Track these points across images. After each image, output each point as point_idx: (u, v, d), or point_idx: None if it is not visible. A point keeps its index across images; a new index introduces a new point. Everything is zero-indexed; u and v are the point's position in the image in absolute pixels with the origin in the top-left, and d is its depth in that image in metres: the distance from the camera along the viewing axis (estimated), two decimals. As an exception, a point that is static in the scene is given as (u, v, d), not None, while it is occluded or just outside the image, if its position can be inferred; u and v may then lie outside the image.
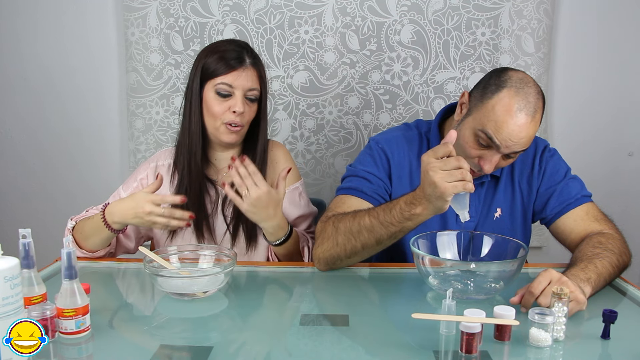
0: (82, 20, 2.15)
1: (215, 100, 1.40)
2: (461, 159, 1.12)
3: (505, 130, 1.25)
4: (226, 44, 1.42)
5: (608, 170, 2.24)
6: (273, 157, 1.54)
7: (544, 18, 2.07)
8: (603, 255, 1.24)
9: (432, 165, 1.12)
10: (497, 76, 1.31)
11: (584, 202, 1.41)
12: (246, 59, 1.39)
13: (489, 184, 1.45)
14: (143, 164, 1.55)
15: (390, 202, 1.26)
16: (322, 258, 1.33)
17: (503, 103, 1.25)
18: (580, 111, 2.20)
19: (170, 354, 0.96)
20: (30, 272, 1.00)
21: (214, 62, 1.39)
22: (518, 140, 1.26)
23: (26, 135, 2.26)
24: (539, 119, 1.29)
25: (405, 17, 2.07)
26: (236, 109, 1.38)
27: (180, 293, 1.18)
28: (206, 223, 1.46)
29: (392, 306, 1.20)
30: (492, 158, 1.29)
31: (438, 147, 1.14)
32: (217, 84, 1.38)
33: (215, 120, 1.41)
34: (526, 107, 1.25)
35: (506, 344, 1.00)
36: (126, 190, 1.50)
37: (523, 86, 1.27)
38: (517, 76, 1.29)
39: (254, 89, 1.40)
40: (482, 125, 1.27)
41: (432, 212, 1.18)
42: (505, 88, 1.27)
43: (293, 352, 0.99)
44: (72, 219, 1.44)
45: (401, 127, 1.53)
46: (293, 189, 1.54)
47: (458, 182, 1.11)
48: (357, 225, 1.27)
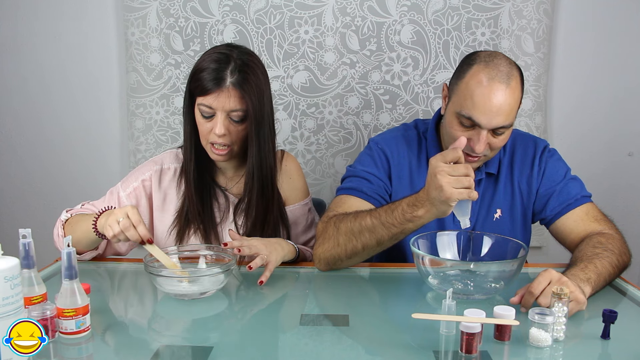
0: (82, 20, 2.15)
1: (201, 119, 1.34)
2: (469, 167, 1.13)
3: (481, 103, 1.25)
4: (208, 61, 1.32)
5: (607, 169, 2.24)
6: (286, 170, 1.52)
7: (544, 18, 2.07)
8: (603, 256, 1.24)
9: (440, 169, 1.13)
10: (467, 58, 1.34)
11: (584, 203, 1.41)
12: (227, 78, 1.29)
13: (487, 184, 1.45)
14: (146, 163, 1.49)
15: (392, 203, 1.26)
16: (322, 258, 1.33)
17: (474, 78, 1.27)
18: (579, 111, 2.20)
19: (170, 354, 0.96)
20: (30, 272, 1.00)
21: (196, 80, 1.32)
22: (498, 111, 1.26)
23: (26, 135, 2.26)
24: (516, 87, 1.28)
25: (405, 17, 2.07)
26: (216, 131, 1.31)
27: (180, 293, 1.18)
28: (214, 232, 1.43)
29: (392, 306, 1.20)
30: (480, 137, 1.29)
31: (447, 151, 1.15)
32: (199, 104, 1.33)
33: (202, 138, 1.37)
34: (498, 76, 1.26)
35: (506, 344, 1.00)
36: (125, 188, 1.45)
37: (492, 59, 1.28)
38: (485, 53, 1.32)
39: (237, 110, 1.31)
40: (460, 107, 1.28)
41: (434, 215, 1.19)
42: (475, 64, 1.29)
43: (293, 352, 0.99)
44: (67, 210, 1.40)
45: (400, 128, 1.53)
46: (304, 204, 1.55)
47: (464, 189, 1.12)
48: (359, 226, 1.27)
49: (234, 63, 1.31)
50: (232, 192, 1.47)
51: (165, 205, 1.45)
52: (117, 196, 1.45)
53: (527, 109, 2.13)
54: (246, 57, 1.34)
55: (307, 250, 1.50)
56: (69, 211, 1.40)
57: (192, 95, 1.35)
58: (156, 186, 1.45)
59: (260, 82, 1.34)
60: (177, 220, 1.43)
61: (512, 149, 1.47)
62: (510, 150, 1.47)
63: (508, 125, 1.29)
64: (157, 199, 1.45)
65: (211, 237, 1.42)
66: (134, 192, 1.45)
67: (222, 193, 1.46)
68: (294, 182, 1.53)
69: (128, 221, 1.18)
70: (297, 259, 1.42)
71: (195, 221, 1.41)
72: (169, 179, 1.46)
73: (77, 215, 1.37)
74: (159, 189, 1.45)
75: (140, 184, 1.45)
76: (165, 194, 1.46)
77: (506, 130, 1.31)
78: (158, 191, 1.45)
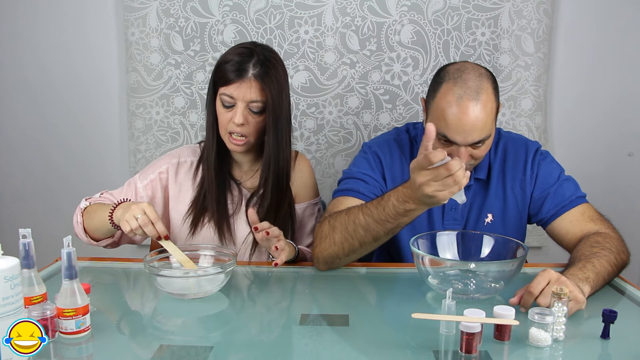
0: (82, 20, 2.15)
1: (222, 109, 1.40)
2: (451, 164, 1.07)
3: (453, 123, 1.25)
4: (233, 54, 1.40)
5: (607, 169, 2.24)
6: (299, 168, 1.57)
7: (544, 18, 2.07)
8: (601, 255, 1.24)
9: (422, 180, 1.09)
10: (437, 75, 1.34)
11: (579, 203, 1.40)
12: (249, 70, 1.36)
13: (476, 189, 1.45)
14: (164, 156, 1.55)
15: (380, 198, 1.24)
16: (320, 257, 1.34)
17: (444, 98, 1.27)
18: (579, 111, 2.20)
19: (170, 354, 0.96)
20: (30, 272, 1.00)
21: (220, 71, 1.39)
22: (471, 128, 1.25)
23: (26, 135, 2.26)
24: (488, 99, 1.27)
25: (405, 17, 2.07)
26: (235, 120, 1.37)
27: (180, 293, 1.18)
28: (227, 223, 1.47)
29: (392, 306, 1.20)
30: (459, 152, 1.29)
31: (421, 160, 1.09)
32: (221, 95, 1.39)
33: (222, 128, 1.42)
34: (466, 93, 1.25)
35: (506, 343, 1.00)
36: (142, 180, 1.49)
37: (460, 74, 1.28)
38: (454, 67, 1.31)
39: (256, 100, 1.37)
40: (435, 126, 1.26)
41: (427, 207, 1.19)
42: (444, 83, 1.29)
43: (293, 352, 0.99)
44: (86, 199, 1.45)
45: (392, 132, 1.54)
46: (314, 203, 1.59)
47: (453, 187, 1.10)
48: (353, 224, 1.27)
49: (257, 57, 1.38)
50: (245, 186, 1.52)
51: (181, 195, 1.50)
52: (134, 187, 1.50)
53: (527, 109, 2.13)
54: (268, 53, 1.42)
55: (308, 251, 1.50)
56: (88, 199, 1.45)
57: (215, 86, 1.41)
58: (172, 178, 1.51)
59: (280, 77, 1.41)
60: (192, 207, 1.47)
61: (504, 153, 1.46)
62: (502, 155, 1.46)
63: (485, 137, 1.29)
64: (173, 189, 1.51)
65: (224, 227, 1.46)
66: (150, 184, 1.50)
67: (236, 186, 1.51)
68: (305, 180, 1.57)
69: (146, 218, 1.24)
70: (297, 259, 1.42)
71: (211, 209, 1.46)
72: (185, 171, 1.51)
73: (96, 204, 1.42)
74: (175, 180, 1.51)
75: (157, 176, 1.50)
76: (181, 185, 1.51)
77: (486, 141, 1.31)
78: (174, 182, 1.51)
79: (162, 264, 1.27)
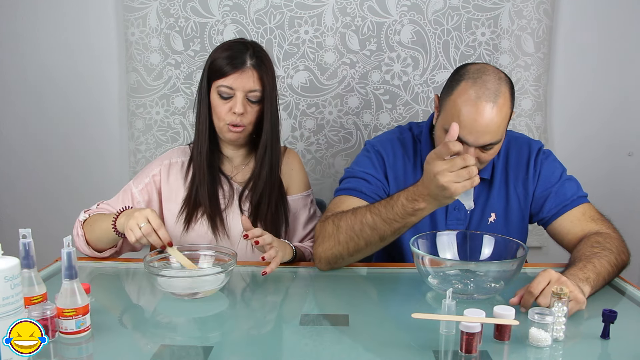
0: (82, 20, 2.15)
1: (219, 101, 1.43)
2: (467, 157, 1.12)
3: (468, 123, 1.25)
4: (229, 47, 1.44)
5: (608, 169, 2.25)
6: (288, 162, 1.61)
7: (544, 18, 2.08)
8: (601, 255, 1.24)
9: (438, 169, 1.12)
10: (456, 72, 1.33)
11: (581, 203, 1.40)
12: (247, 60, 1.41)
13: (480, 188, 1.44)
14: (156, 161, 1.58)
15: (390, 197, 1.26)
16: (323, 257, 1.33)
17: (462, 96, 1.26)
18: (579, 111, 2.20)
19: (170, 354, 0.96)
20: (30, 272, 1.00)
21: (217, 64, 1.42)
22: (485, 130, 1.25)
23: (26, 135, 2.26)
24: (505, 104, 1.27)
25: (405, 17, 2.07)
26: (236, 110, 1.41)
27: (180, 293, 1.18)
28: (219, 217, 1.48)
29: (392, 306, 1.20)
30: (469, 153, 1.27)
31: (440, 148, 1.13)
32: (219, 87, 1.41)
33: (219, 120, 1.45)
34: (485, 94, 1.24)
35: (506, 343, 1.00)
36: (137, 185, 1.52)
37: (480, 75, 1.27)
38: (475, 67, 1.30)
39: (255, 90, 1.42)
40: (448, 124, 1.26)
41: (436, 206, 1.19)
42: (463, 81, 1.28)
43: (293, 352, 0.99)
44: (85, 211, 1.46)
45: (395, 130, 1.54)
46: (306, 195, 1.61)
47: (466, 180, 1.12)
48: (359, 224, 1.27)
49: (251, 49, 1.44)
50: (236, 180, 1.53)
51: (172, 195, 1.52)
52: (130, 193, 1.52)
53: (527, 109, 2.13)
54: (258, 46, 1.48)
55: (306, 248, 1.51)
56: (86, 211, 1.46)
57: (209, 81, 1.44)
58: (165, 179, 1.53)
59: (272, 68, 1.47)
60: (185, 204, 1.49)
61: (507, 152, 1.46)
62: (505, 154, 1.46)
63: (496, 141, 1.29)
64: (166, 190, 1.52)
65: (217, 221, 1.48)
66: (145, 188, 1.52)
67: (227, 181, 1.53)
68: (295, 173, 1.61)
69: (149, 226, 1.24)
70: (295, 259, 1.43)
71: (203, 204, 1.47)
72: (176, 171, 1.53)
73: (95, 215, 1.43)
74: (168, 181, 1.53)
75: (151, 179, 1.53)
76: (173, 185, 1.53)
77: (495, 146, 1.31)
78: (167, 183, 1.53)
79: (162, 264, 1.27)
